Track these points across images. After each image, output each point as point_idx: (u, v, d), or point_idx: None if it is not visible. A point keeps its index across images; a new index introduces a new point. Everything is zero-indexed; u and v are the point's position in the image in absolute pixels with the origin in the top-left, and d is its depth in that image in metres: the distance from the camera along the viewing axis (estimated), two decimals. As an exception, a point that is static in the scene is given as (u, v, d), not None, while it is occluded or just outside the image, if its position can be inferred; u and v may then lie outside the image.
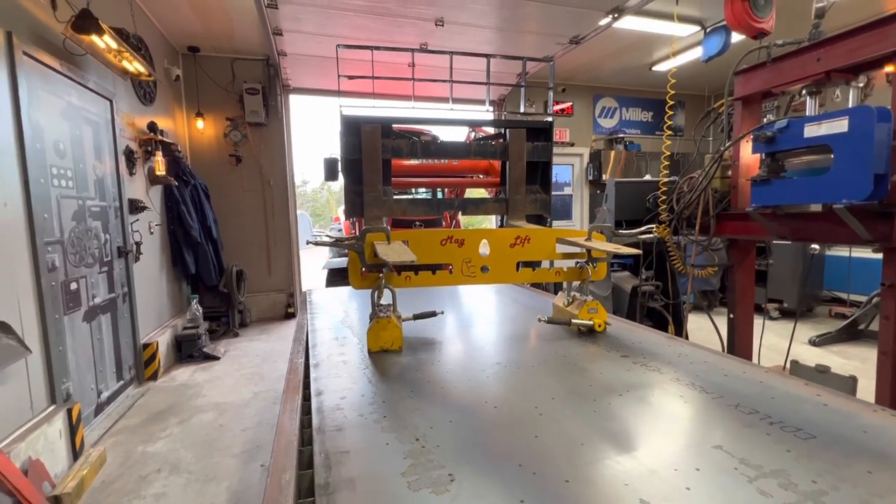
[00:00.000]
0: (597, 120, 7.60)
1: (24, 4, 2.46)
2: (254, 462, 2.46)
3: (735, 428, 0.97)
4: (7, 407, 2.13)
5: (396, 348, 1.58)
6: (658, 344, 1.59)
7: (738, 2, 3.77)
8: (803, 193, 2.22)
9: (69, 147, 2.86)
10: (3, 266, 2.17)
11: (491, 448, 0.92)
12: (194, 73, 5.55)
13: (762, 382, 1.21)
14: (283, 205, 6.14)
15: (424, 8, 3.98)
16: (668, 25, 4.70)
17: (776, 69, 2.44)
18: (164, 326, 4.31)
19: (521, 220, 2.33)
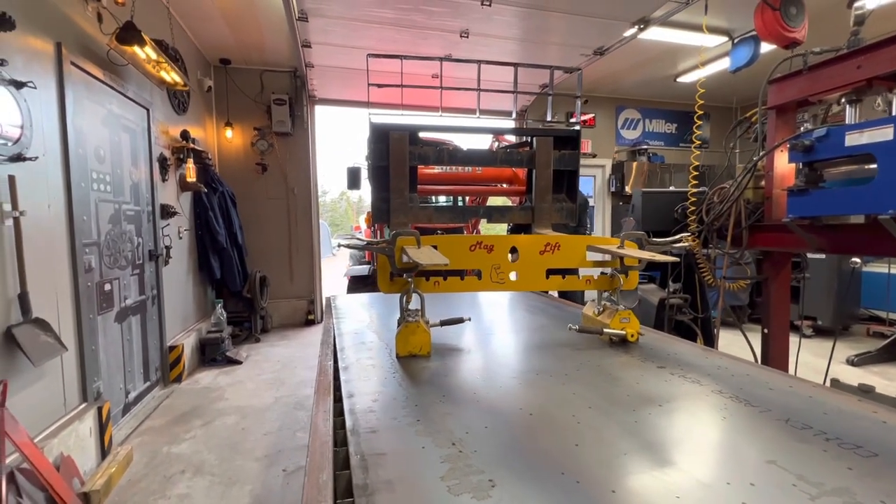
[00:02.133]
0: (619, 131, 7.54)
1: (72, 17, 2.59)
2: (276, 466, 2.46)
3: (788, 443, 0.92)
4: (42, 402, 2.19)
5: (425, 353, 1.57)
6: (694, 355, 1.54)
7: (770, 11, 3.72)
8: (844, 204, 2.14)
9: (108, 153, 2.97)
10: (45, 265, 2.25)
11: (530, 455, 0.89)
12: (225, 84, 5.74)
13: (811, 398, 1.15)
14: (306, 213, 6.25)
15: (450, 20, 4.04)
16: (694, 36, 4.66)
17: (813, 77, 2.38)
18: (190, 330, 4.39)
19: (546, 228, 2.31)
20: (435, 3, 3.73)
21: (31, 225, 2.11)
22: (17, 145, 2.06)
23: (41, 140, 2.24)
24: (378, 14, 3.95)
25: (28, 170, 2.12)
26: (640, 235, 1.74)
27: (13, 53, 2.05)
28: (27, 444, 1.87)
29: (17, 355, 1.99)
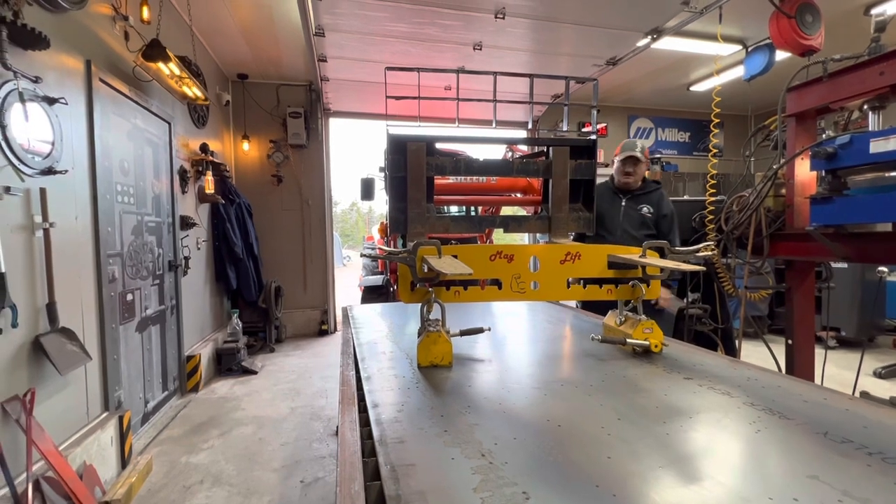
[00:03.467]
0: (632, 141, 7.52)
1: (101, 35, 2.68)
2: (293, 477, 2.45)
3: (829, 457, 0.89)
4: (67, 411, 2.22)
5: (446, 363, 1.56)
6: (721, 366, 1.51)
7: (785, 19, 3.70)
8: (870, 212, 2.10)
9: (132, 166, 3.05)
10: (72, 275, 2.30)
11: (562, 467, 0.88)
12: (242, 98, 5.87)
13: (848, 410, 1.12)
14: (320, 224, 6.31)
15: (463, 33, 4.10)
16: (707, 45, 4.65)
17: (834, 84, 2.36)
18: (206, 340, 4.44)
19: (563, 237, 2.30)
20: (449, 16, 3.78)
21: (59, 236, 2.16)
22: (48, 159, 2.13)
23: (70, 154, 2.31)
24: (393, 28, 4.02)
25: (58, 183, 2.19)
26: (663, 244, 1.73)
27: (46, 70, 2.13)
28: (53, 452, 1.90)
29: (44, 364, 2.03)
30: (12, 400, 1.84)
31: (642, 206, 2.85)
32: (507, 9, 3.64)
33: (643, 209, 2.84)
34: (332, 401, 3.63)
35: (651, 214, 2.83)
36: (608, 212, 2.87)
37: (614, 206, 2.89)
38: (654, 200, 2.86)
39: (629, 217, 2.85)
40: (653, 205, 2.84)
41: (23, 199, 1.97)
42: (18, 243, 1.94)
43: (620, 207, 2.87)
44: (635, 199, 2.88)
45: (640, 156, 2.80)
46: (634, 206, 2.85)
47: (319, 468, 2.54)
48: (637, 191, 2.89)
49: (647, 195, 2.89)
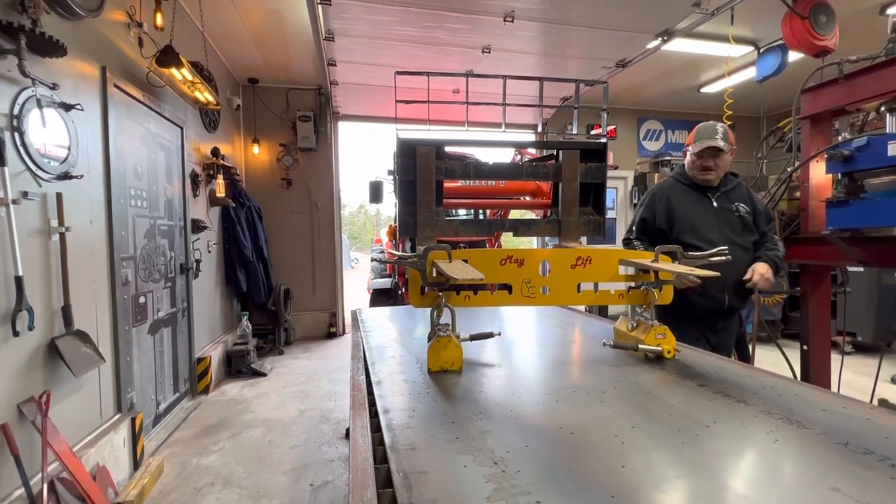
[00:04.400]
0: (641, 143, 7.47)
1: (116, 42, 2.73)
2: (303, 480, 2.46)
3: (851, 469, 0.87)
4: (81, 412, 2.25)
5: (456, 368, 1.55)
6: (736, 373, 1.48)
7: (798, 20, 3.66)
8: (888, 215, 2.06)
9: (145, 170, 3.09)
10: (86, 278, 2.33)
11: (576, 476, 0.87)
12: (252, 103, 5.93)
13: (870, 420, 1.10)
14: (329, 226, 6.35)
15: (472, 36, 4.10)
16: (718, 47, 4.61)
17: (850, 86, 2.32)
18: (217, 342, 4.48)
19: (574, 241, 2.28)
20: (457, 20, 3.79)
21: (74, 240, 2.20)
22: (65, 164, 2.16)
23: (86, 159, 2.35)
24: (401, 32, 4.04)
25: (73, 187, 2.22)
26: (676, 249, 1.71)
27: (63, 77, 2.17)
28: (67, 453, 1.92)
29: (59, 366, 2.06)
30: (28, 401, 1.86)
31: (736, 204, 2.27)
32: (516, 12, 3.64)
33: (739, 208, 2.26)
34: (340, 404, 3.64)
35: (748, 214, 2.26)
36: (699, 216, 2.27)
37: (704, 207, 2.29)
38: (745, 195, 2.31)
39: (727, 220, 2.24)
40: (744, 201, 2.28)
41: (40, 204, 2.00)
42: (35, 247, 1.98)
43: (712, 209, 2.27)
44: (725, 196, 2.30)
45: (722, 145, 2.18)
46: (728, 206, 2.26)
47: (329, 472, 2.55)
48: (722, 187, 2.32)
49: (734, 190, 2.31)
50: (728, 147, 2.19)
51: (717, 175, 2.25)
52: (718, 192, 2.29)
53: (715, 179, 2.26)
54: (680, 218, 2.29)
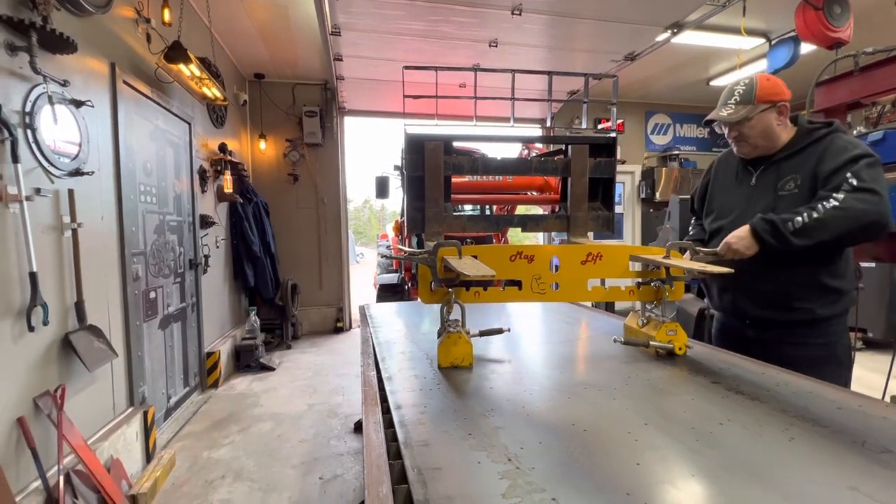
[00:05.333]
0: (649, 137, 7.40)
1: (124, 38, 2.73)
2: (312, 474, 2.48)
3: (868, 468, 0.86)
4: (94, 406, 2.28)
5: (467, 364, 1.56)
6: (749, 370, 1.47)
7: (812, 11, 3.59)
8: (904, 211, 2.03)
9: (154, 166, 3.11)
10: (98, 274, 2.35)
11: (591, 473, 0.87)
12: (259, 98, 5.93)
13: (886, 418, 1.08)
14: (336, 221, 6.36)
15: (479, 30, 4.07)
16: (729, 39, 4.54)
17: (866, 78, 2.28)
18: (225, 336, 4.51)
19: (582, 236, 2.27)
20: (465, 14, 3.76)
21: (86, 236, 2.22)
22: (76, 161, 2.18)
23: (96, 155, 2.37)
24: (408, 26, 4.02)
25: (85, 184, 2.24)
26: (688, 245, 1.69)
27: (73, 74, 2.18)
28: (82, 446, 1.95)
29: (73, 361, 2.09)
30: (44, 395, 1.89)
31: (787, 178, 1.61)
32: (524, 5, 3.60)
33: (787, 184, 1.61)
34: (348, 398, 3.66)
35: (799, 188, 1.57)
36: (728, 196, 1.82)
37: (739, 186, 1.78)
38: (813, 158, 1.56)
39: (758, 203, 1.67)
40: (807, 169, 1.57)
41: (52, 201, 2.02)
42: (48, 243, 2.00)
43: (748, 188, 1.73)
44: (775, 169, 1.66)
45: (726, 115, 1.66)
46: (772, 184, 1.65)
47: (338, 465, 2.57)
48: (780, 154, 1.65)
49: (798, 155, 1.61)
50: (747, 112, 1.60)
51: (752, 147, 1.67)
52: (769, 163, 1.67)
53: (750, 152, 1.69)
54: (711, 198, 1.91)
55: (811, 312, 1.62)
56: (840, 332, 1.68)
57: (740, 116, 1.62)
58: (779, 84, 1.63)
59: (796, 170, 1.60)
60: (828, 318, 1.63)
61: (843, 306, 1.65)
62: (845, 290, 1.64)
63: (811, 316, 1.61)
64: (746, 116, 1.61)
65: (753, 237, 1.53)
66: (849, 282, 1.67)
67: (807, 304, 1.61)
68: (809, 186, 1.55)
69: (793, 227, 1.45)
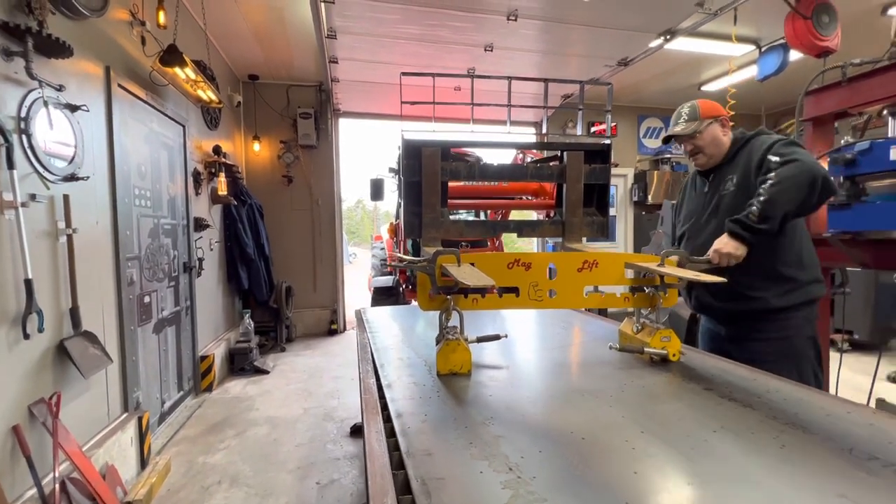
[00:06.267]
0: (641, 140, 7.48)
1: (119, 41, 2.72)
2: (309, 479, 2.48)
3: (856, 476, 0.90)
4: (89, 412, 2.27)
5: (465, 371, 1.58)
6: (741, 377, 1.51)
7: (801, 20, 3.66)
8: (889, 219, 2.09)
9: (149, 169, 3.09)
10: (93, 279, 2.34)
11: (591, 482, 0.89)
12: (253, 99, 5.91)
13: (873, 425, 1.12)
14: (330, 223, 6.35)
15: (475, 35, 4.10)
16: (720, 45, 4.61)
17: (852, 89, 2.34)
18: (219, 339, 4.49)
19: (577, 242, 2.30)
20: (460, 18, 3.78)
21: (80, 241, 2.20)
22: (71, 165, 2.16)
23: (91, 159, 2.35)
24: (404, 30, 4.03)
25: (80, 188, 2.22)
26: (682, 255, 1.72)
27: (68, 78, 2.16)
28: (77, 453, 1.94)
29: (68, 367, 2.07)
30: (39, 403, 1.88)
31: (726, 180, 1.87)
32: (520, 10, 3.64)
33: (726, 185, 1.86)
34: (344, 401, 3.67)
35: (734, 186, 1.83)
36: (691, 205, 2.07)
37: (698, 195, 2.02)
38: (743, 158, 1.83)
39: (709, 205, 1.93)
40: (739, 168, 1.83)
41: (47, 206, 2.01)
42: (43, 249, 1.98)
43: (703, 195, 1.97)
44: (719, 175, 1.92)
45: (680, 129, 1.92)
46: (717, 187, 1.91)
47: (334, 470, 2.58)
48: (724, 160, 1.91)
49: (732, 161, 1.89)
50: (696, 126, 1.87)
51: (707, 157, 1.91)
52: (715, 173, 1.94)
53: (706, 162, 1.93)
54: (681, 208, 2.15)
55: (766, 302, 1.77)
56: (799, 325, 1.80)
57: (692, 130, 1.90)
58: (716, 104, 1.97)
59: (732, 171, 1.87)
60: (784, 308, 1.76)
61: (800, 297, 1.77)
62: (801, 280, 1.78)
63: (766, 306, 1.77)
64: (697, 129, 1.89)
65: (732, 238, 1.68)
66: (807, 273, 1.79)
67: (761, 294, 1.78)
68: (741, 183, 1.81)
69: (755, 216, 1.62)
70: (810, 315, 1.81)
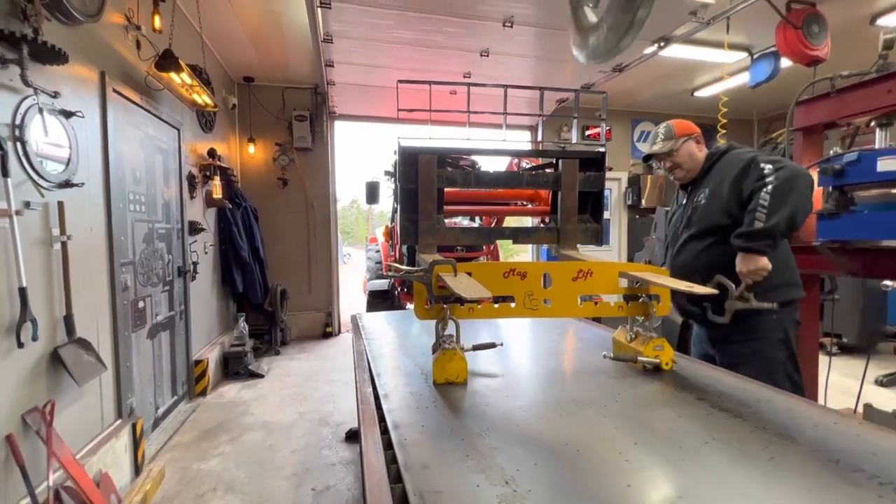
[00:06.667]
0: (635, 144, 7.54)
1: (114, 46, 2.71)
2: (305, 486, 2.49)
3: (842, 488, 0.92)
4: (83, 420, 2.26)
5: (462, 381, 1.59)
6: (732, 386, 1.53)
7: (791, 29, 3.72)
8: (877, 229, 2.13)
9: (143, 174, 3.07)
10: (87, 286, 2.33)
11: (584, 496, 0.91)
12: (248, 102, 5.89)
13: (859, 436, 1.15)
14: (325, 226, 6.34)
15: (471, 40, 4.12)
16: (713, 52, 4.67)
17: (841, 100, 2.38)
18: (213, 343, 4.47)
19: (572, 249, 2.33)
20: (456, 24, 3.80)
21: (75, 248, 2.19)
22: (66, 172, 2.15)
23: (86, 165, 2.34)
24: (400, 35, 4.04)
25: (74, 195, 2.21)
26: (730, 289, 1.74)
27: (63, 84, 2.15)
28: (71, 462, 1.93)
29: (62, 375, 2.06)
30: (32, 411, 1.87)
31: (698, 193, 2.04)
32: (516, 17, 3.66)
33: (698, 197, 2.03)
34: (339, 406, 3.67)
35: (706, 198, 1.98)
36: (673, 217, 2.26)
37: (679, 207, 2.21)
38: (717, 172, 1.98)
39: (684, 215, 2.12)
40: (712, 180, 1.99)
41: (42, 214, 2.00)
42: (37, 257, 1.97)
43: (682, 207, 2.17)
44: (696, 188, 2.10)
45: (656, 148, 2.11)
46: (693, 201, 2.08)
47: (330, 476, 2.58)
48: (700, 174, 2.09)
49: (707, 174, 2.04)
50: (672, 145, 2.04)
51: (685, 171, 2.09)
52: (692, 186, 2.11)
53: (685, 176, 2.11)
54: (670, 219, 2.30)
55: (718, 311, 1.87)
56: (770, 328, 1.89)
57: (669, 147, 2.07)
58: (689, 123, 2.13)
59: (705, 185, 2.03)
60: (755, 311, 1.81)
61: (769, 300, 1.81)
62: (772, 283, 1.84)
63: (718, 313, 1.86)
64: (673, 147, 2.06)
65: (746, 253, 1.79)
66: (777, 276, 1.85)
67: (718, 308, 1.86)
68: (712, 193, 1.97)
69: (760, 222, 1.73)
70: (783, 317, 1.89)
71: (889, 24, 4.09)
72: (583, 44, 2.32)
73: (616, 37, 2.03)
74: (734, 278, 1.79)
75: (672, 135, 2.08)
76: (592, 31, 2.19)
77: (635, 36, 1.95)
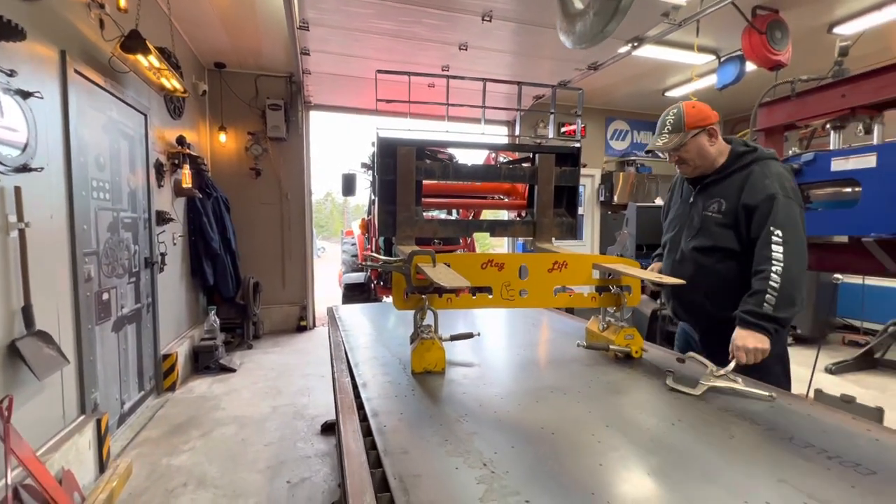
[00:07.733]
0: (608, 142, 7.72)
1: (76, 24, 2.57)
2: (279, 478, 2.46)
3: (794, 462, 0.99)
4: (43, 416, 2.16)
5: (440, 370, 1.61)
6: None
7: (756, 35, 3.89)
8: (830, 225, 2.27)
9: (108, 160, 2.94)
10: (47, 276, 2.22)
11: (559, 475, 0.95)
12: (219, 88, 5.69)
13: (810, 415, 1.24)
14: (300, 218, 6.23)
15: (450, 33, 4.11)
16: (683, 54, 4.82)
17: (800, 103, 2.51)
18: (183, 337, 4.34)
19: (547, 242, 2.38)
20: (436, 16, 3.79)
21: (34, 236, 2.08)
22: (23, 156, 2.04)
23: (45, 149, 2.22)
24: (378, 25, 4.00)
25: (33, 180, 2.10)
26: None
27: (20, 63, 2.04)
28: (31, 459, 1.85)
29: (21, 369, 1.97)
30: (-12, 407, 1.78)
31: (713, 200, 1.78)
32: (495, 11, 3.68)
33: (712, 206, 1.78)
34: (314, 399, 3.63)
35: (720, 213, 1.75)
36: (675, 214, 2.01)
37: (684, 204, 1.94)
38: (736, 185, 1.72)
39: (691, 221, 1.87)
40: (730, 195, 1.73)
41: (-3, 199, 1.89)
42: (-8, 244, 1.87)
43: (688, 206, 1.90)
44: (706, 190, 1.83)
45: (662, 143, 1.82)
46: (705, 204, 1.81)
47: (305, 468, 2.56)
48: (711, 177, 1.81)
49: (724, 181, 1.77)
50: (679, 140, 1.75)
51: (693, 167, 1.82)
52: (704, 184, 1.83)
53: (692, 172, 1.84)
54: (667, 212, 2.10)
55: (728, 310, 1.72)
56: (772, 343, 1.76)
57: (674, 144, 1.78)
58: (704, 110, 1.80)
59: (721, 194, 1.77)
60: None
61: None
62: None
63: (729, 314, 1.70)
64: (681, 143, 1.77)
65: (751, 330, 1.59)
66: None
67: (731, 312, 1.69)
68: (729, 212, 1.73)
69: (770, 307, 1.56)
70: (782, 334, 1.75)
71: (845, 33, 4.32)
72: (569, 29, 2.35)
73: (602, 22, 2.07)
74: (739, 297, 1.66)
75: (681, 126, 1.76)
76: (579, 18, 2.23)
77: (619, 22, 1.99)
